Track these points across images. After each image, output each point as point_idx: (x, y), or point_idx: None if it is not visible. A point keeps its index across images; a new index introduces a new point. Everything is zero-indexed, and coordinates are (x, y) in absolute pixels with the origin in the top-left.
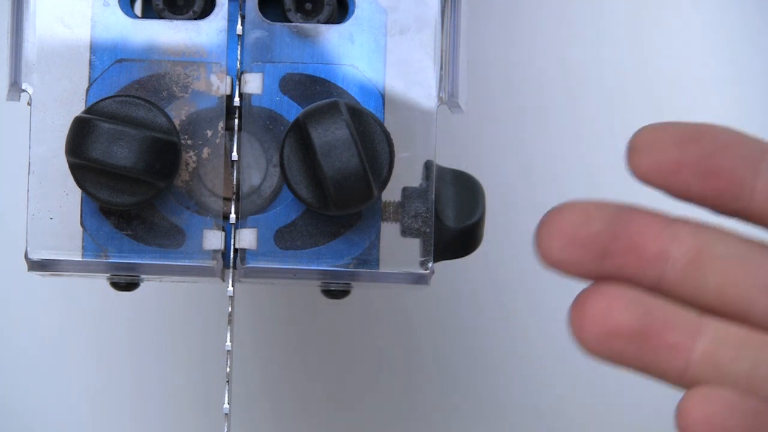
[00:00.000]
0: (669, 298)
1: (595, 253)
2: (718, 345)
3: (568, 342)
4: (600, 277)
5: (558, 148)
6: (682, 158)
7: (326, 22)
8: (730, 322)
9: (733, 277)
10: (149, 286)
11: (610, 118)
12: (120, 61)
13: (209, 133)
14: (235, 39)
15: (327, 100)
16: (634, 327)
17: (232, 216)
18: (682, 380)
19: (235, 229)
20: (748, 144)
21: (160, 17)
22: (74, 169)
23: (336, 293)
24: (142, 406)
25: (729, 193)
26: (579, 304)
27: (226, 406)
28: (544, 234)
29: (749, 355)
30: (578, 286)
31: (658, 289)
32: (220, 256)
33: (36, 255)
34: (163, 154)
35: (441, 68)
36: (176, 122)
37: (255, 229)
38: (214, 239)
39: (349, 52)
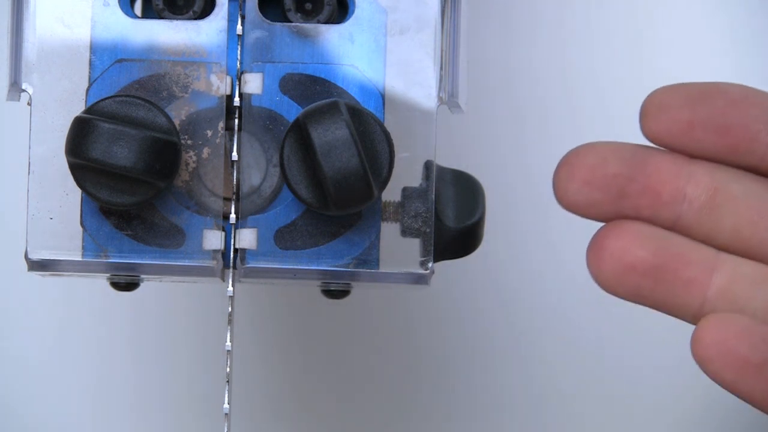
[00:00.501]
0: (685, 236)
1: (612, 194)
2: (734, 281)
3: (567, 342)
4: (617, 217)
5: (558, 148)
6: (694, 117)
7: (326, 22)
8: (746, 260)
9: (749, 216)
10: (149, 286)
11: (610, 118)
12: (120, 61)
13: (209, 133)
14: (235, 39)
15: (327, 100)
16: (651, 262)
17: (232, 216)
18: (699, 316)
19: (235, 229)
20: (760, 100)
21: (160, 17)
22: (74, 169)
23: (336, 293)
24: (143, 406)
25: (742, 148)
26: (596, 241)
27: (226, 406)
28: (561, 176)
29: (765, 290)
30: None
31: (674, 228)
32: (220, 256)
33: (36, 255)
34: (163, 154)
35: (441, 68)
36: (176, 122)
37: (255, 229)
38: (214, 239)
39: (349, 52)
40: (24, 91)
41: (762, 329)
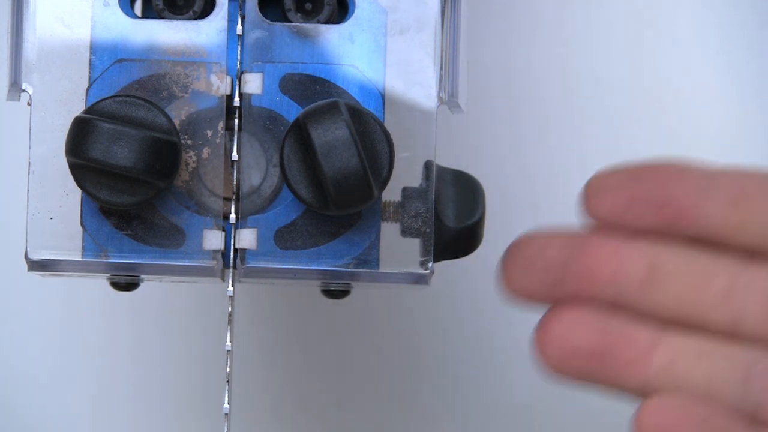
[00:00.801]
0: (627, 315)
1: (553, 278)
2: (676, 357)
3: None
4: (560, 301)
5: (558, 148)
6: (633, 195)
7: (326, 22)
8: (687, 334)
9: (689, 287)
10: (149, 286)
11: (610, 117)
12: (120, 61)
13: (209, 133)
14: (235, 39)
15: (327, 100)
16: (593, 346)
17: (232, 216)
18: (643, 394)
19: (235, 229)
20: (696, 172)
21: (160, 17)
22: (74, 169)
23: (336, 293)
24: (142, 406)
25: (681, 221)
26: (540, 327)
27: (226, 406)
28: (505, 267)
29: (706, 364)
30: None
31: (617, 306)
32: (220, 256)
33: (36, 255)
34: (163, 154)
35: (441, 68)
36: (176, 122)
37: (255, 229)
38: (214, 239)
39: (349, 52)
40: (24, 91)
41: (700, 410)
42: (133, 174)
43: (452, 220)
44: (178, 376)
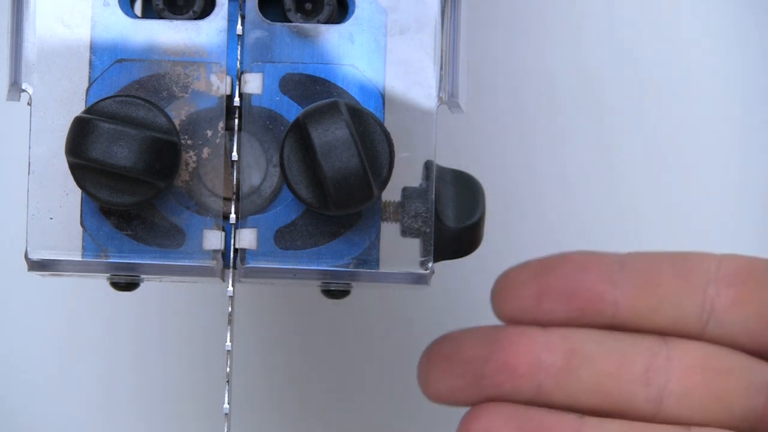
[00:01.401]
0: (549, 407)
1: (471, 377)
2: None
3: None
4: (480, 399)
5: (558, 147)
6: (541, 289)
7: (326, 22)
8: (610, 420)
9: (607, 370)
10: (149, 286)
11: (610, 117)
12: (120, 61)
13: (209, 133)
14: (235, 39)
15: (327, 100)
16: None
17: (232, 216)
18: None
19: (235, 229)
20: (602, 260)
21: (160, 17)
22: (74, 169)
23: (336, 293)
24: (142, 406)
25: (591, 309)
26: (462, 427)
27: (226, 406)
28: (422, 370)
29: None
30: None
31: (538, 397)
32: (220, 256)
33: (36, 255)
34: (163, 154)
35: (441, 68)
36: (176, 122)
37: (255, 229)
38: (214, 239)
39: (349, 52)
40: (24, 91)
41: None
42: (133, 174)
43: (452, 220)
44: (178, 376)
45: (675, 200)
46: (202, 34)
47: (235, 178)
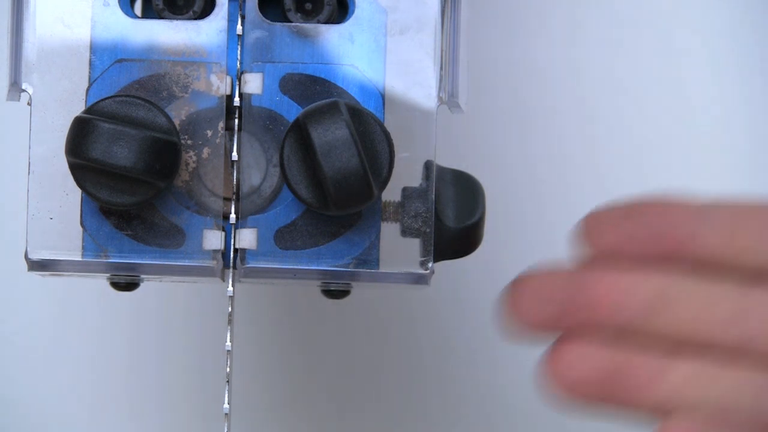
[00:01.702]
0: (634, 342)
1: (558, 309)
2: (685, 382)
3: None
4: (564, 333)
5: (558, 147)
6: (631, 229)
7: (326, 22)
8: (694, 359)
9: (694, 313)
10: (149, 286)
11: (610, 117)
12: (120, 61)
13: (209, 133)
14: (235, 39)
15: (327, 100)
16: (603, 374)
17: (232, 216)
18: (655, 417)
19: (235, 229)
20: (690, 205)
21: (160, 17)
22: (74, 169)
23: (336, 293)
24: (142, 406)
25: (681, 250)
26: (548, 359)
27: (226, 406)
28: (510, 301)
29: (717, 384)
30: None
31: (621, 337)
32: (220, 256)
33: (36, 255)
34: (163, 154)
35: (441, 68)
36: (176, 122)
37: (255, 229)
38: (214, 239)
39: (349, 52)
40: (24, 91)
41: (719, 427)
42: (133, 174)
43: (452, 220)
44: (178, 376)
45: None
46: (202, 34)
47: (235, 178)
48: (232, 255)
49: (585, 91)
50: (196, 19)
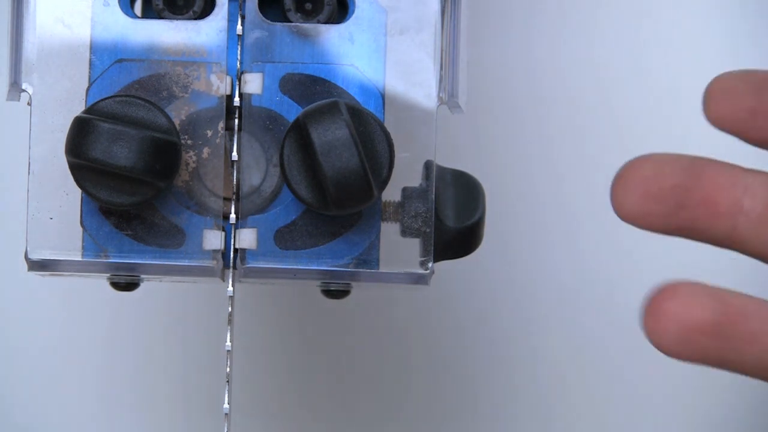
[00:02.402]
0: (739, 251)
1: (670, 205)
2: None
3: (567, 341)
4: (675, 229)
5: (558, 147)
6: (758, 105)
7: (326, 22)
8: None
9: None
10: (149, 286)
11: (610, 117)
12: (120, 61)
13: (209, 133)
14: (235, 39)
15: (327, 100)
16: (713, 322)
17: (232, 216)
18: (766, 369)
19: (235, 229)
20: None
21: (160, 17)
22: (74, 169)
23: (336, 293)
24: (142, 406)
25: None
26: (653, 305)
27: (226, 406)
28: (619, 188)
29: None
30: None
31: (730, 240)
32: (220, 256)
33: (36, 255)
34: (163, 154)
35: (441, 68)
36: (176, 122)
37: (255, 229)
38: (214, 239)
39: (349, 52)
40: (24, 91)
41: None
42: (133, 174)
43: (452, 220)
44: (178, 376)
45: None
46: (202, 34)
47: (235, 178)
48: (232, 255)
49: (585, 91)
50: (196, 19)
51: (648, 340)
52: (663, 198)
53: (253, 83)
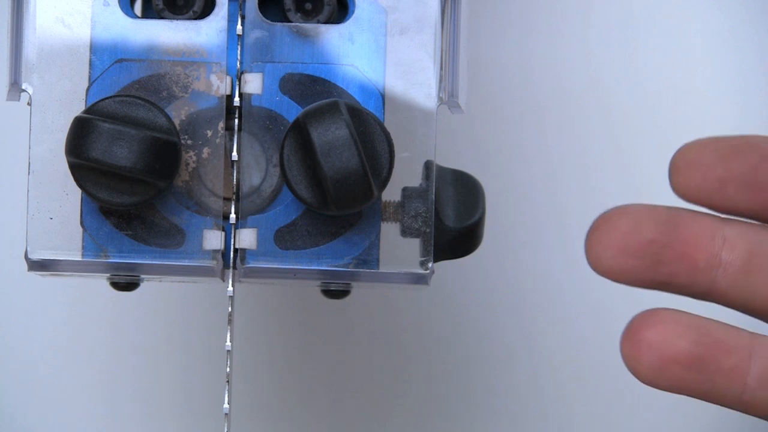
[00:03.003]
0: (720, 304)
1: (647, 262)
2: None
3: (568, 341)
4: (652, 284)
5: (558, 147)
6: (726, 174)
7: (326, 22)
8: None
9: None
10: (149, 286)
11: (609, 118)
12: (120, 61)
13: (209, 133)
14: (235, 39)
15: (327, 100)
16: (691, 353)
17: (232, 216)
18: (740, 403)
19: (235, 229)
20: None
21: (160, 17)
22: (74, 169)
23: (336, 293)
24: (142, 406)
25: None
26: (632, 332)
27: (226, 406)
28: (594, 243)
29: None
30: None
31: (710, 294)
32: (220, 256)
33: (36, 255)
34: (163, 154)
35: (441, 68)
36: (176, 122)
37: (255, 229)
38: (214, 239)
39: (349, 52)
40: (24, 91)
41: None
42: (133, 174)
43: (452, 220)
44: (178, 376)
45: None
46: (202, 34)
47: (235, 178)
48: (232, 255)
49: (586, 90)
50: (196, 19)
51: (626, 366)
52: (640, 253)
53: (253, 83)
